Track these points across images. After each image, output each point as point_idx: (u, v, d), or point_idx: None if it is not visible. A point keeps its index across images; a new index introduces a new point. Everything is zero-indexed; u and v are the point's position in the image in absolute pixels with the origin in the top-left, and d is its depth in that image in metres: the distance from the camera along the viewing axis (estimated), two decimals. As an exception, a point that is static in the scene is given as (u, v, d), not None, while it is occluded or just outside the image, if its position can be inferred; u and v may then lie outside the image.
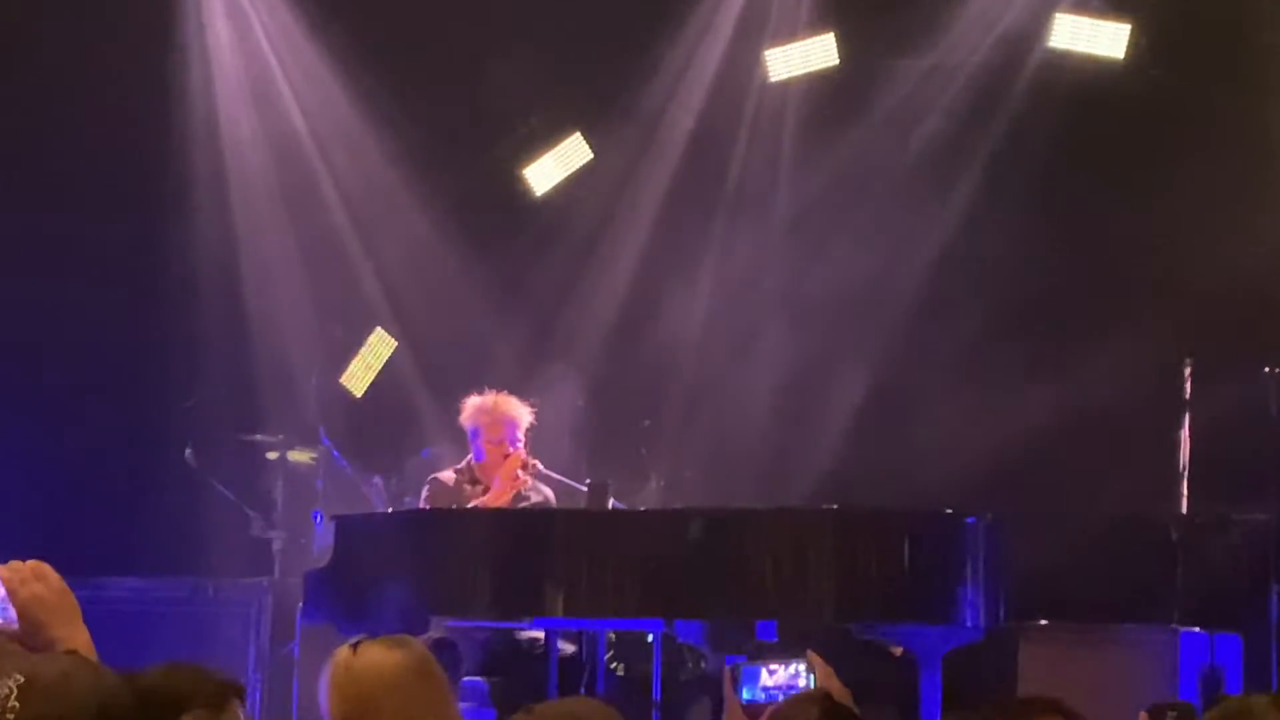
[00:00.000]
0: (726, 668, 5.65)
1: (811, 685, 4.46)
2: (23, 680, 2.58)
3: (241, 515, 9.91)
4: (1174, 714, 4.20)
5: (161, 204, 10.22)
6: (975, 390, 9.95)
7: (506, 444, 8.41)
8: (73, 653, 2.77)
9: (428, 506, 8.46)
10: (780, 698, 4.45)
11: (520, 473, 8.40)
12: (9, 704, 2.57)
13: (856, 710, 4.33)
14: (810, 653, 4.62)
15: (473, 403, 8.50)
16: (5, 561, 3.61)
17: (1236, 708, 3.23)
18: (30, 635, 3.19)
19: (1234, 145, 9.81)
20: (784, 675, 4.48)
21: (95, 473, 9.96)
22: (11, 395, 9.90)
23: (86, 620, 3.34)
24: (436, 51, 10.29)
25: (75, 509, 9.71)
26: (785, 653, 4.73)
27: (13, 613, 3.49)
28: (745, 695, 4.45)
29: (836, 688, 4.49)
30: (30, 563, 3.24)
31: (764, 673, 4.48)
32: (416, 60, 10.28)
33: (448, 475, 8.60)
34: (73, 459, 9.92)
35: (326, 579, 8.09)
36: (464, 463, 8.55)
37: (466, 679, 8.04)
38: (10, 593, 3.22)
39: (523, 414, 8.48)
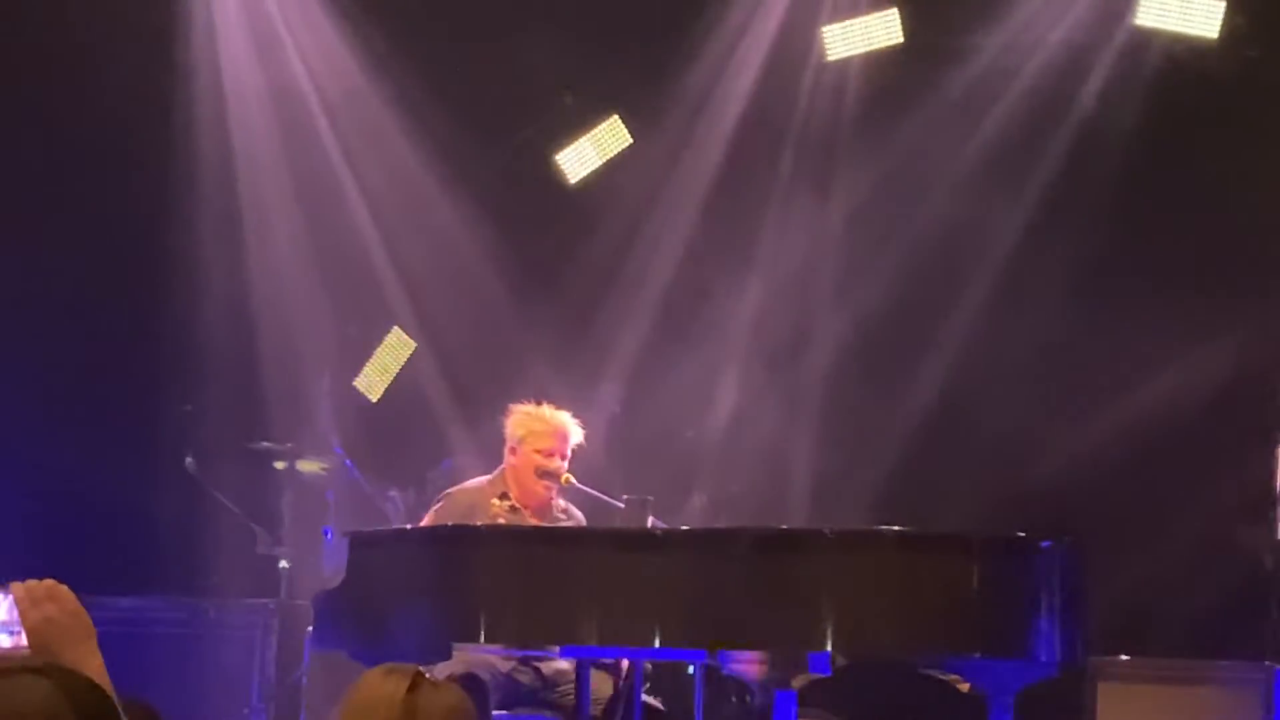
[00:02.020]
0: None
1: None
2: None
3: (246, 531, 9.94)
4: None
5: (165, 195, 10.26)
6: (1050, 401, 9.96)
7: (555, 458, 8.38)
8: (40, 669, 2.65)
9: (435, 521, 8.44)
10: None
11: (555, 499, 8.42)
12: None
13: None
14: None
15: (524, 409, 8.47)
16: (8, 580, 3.62)
17: None
18: (40, 659, 3.19)
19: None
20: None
21: (88, 484, 9.99)
22: (17, 407, 9.93)
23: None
24: (462, 28, 10.32)
25: (66, 523, 9.75)
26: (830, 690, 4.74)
27: (23, 636, 3.51)
28: None
29: None
30: (45, 582, 3.26)
31: None
32: (440, 36, 10.32)
33: (470, 485, 8.57)
34: (64, 469, 9.96)
35: (338, 601, 8.08)
36: (495, 473, 8.53)
37: (497, 713, 8.05)
38: (21, 613, 3.24)
39: (576, 431, 8.47)
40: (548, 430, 8.40)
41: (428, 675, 4.20)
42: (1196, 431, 9.66)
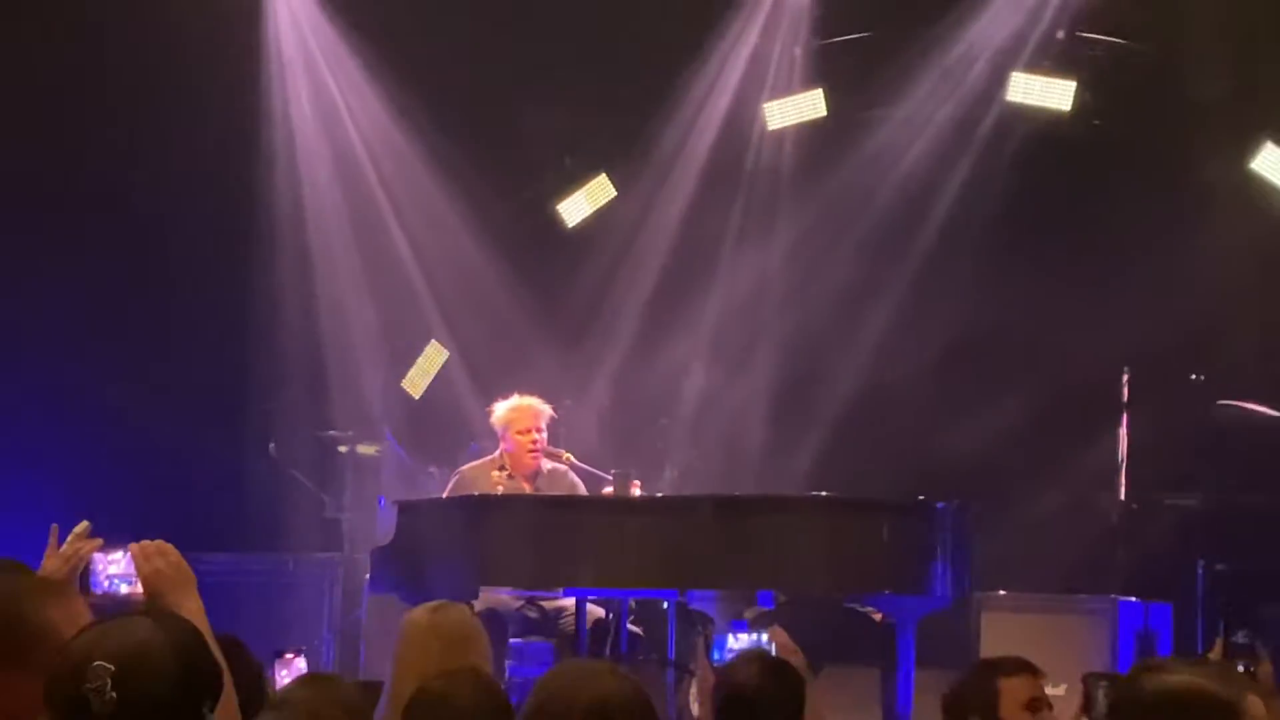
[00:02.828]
0: (698, 638, 5.67)
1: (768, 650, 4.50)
2: (113, 669, 2.43)
3: (317, 500, 9.91)
4: (1105, 684, 4.19)
5: (251, 239, 10.23)
6: (945, 395, 9.95)
7: (533, 432, 8.40)
8: (144, 612, 2.63)
9: (451, 492, 8.43)
10: None
11: (545, 461, 8.43)
12: (106, 694, 2.42)
13: (797, 670, 4.37)
14: (775, 627, 4.64)
15: (499, 405, 8.51)
16: (128, 540, 3.64)
17: (1156, 663, 3.22)
18: (151, 604, 3.20)
19: (1166, 184, 9.79)
20: (746, 640, 4.52)
21: (195, 464, 9.95)
22: (128, 400, 9.91)
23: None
24: (484, 103, 10.28)
25: (178, 494, 9.71)
26: (774, 619, 4.77)
27: (117, 585, 3.51)
28: (715, 657, 4.48)
29: (795, 663, 4.52)
30: (155, 542, 3.26)
31: (730, 638, 4.52)
32: (467, 110, 10.28)
33: (476, 464, 8.58)
34: (177, 452, 9.91)
35: (389, 555, 8.07)
36: (496, 453, 8.56)
37: (513, 640, 8.04)
38: (136, 567, 3.24)
39: (544, 409, 8.49)
40: (520, 415, 8.44)
41: (443, 605, 4.30)
42: (1059, 414, 9.62)
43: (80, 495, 4.83)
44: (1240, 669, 4.13)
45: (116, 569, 3.48)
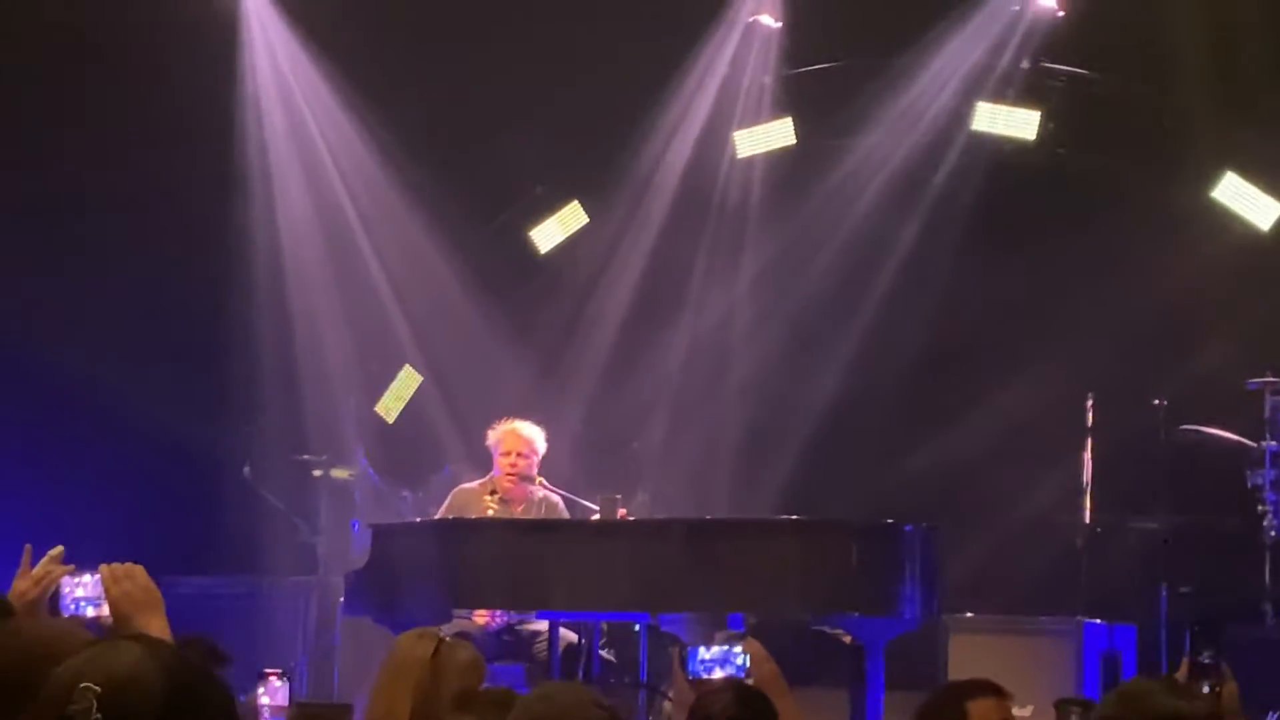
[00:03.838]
0: (673, 649, 5.67)
1: (743, 661, 4.52)
2: (99, 690, 2.40)
3: (291, 523, 9.88)
4: (1078, 710, 4.19)
5: (227, 266, 10.22)
6: (911, 419, 9.98)
7: (513, 456, 8.39)
8: (134, 637, 2.59)
9: (445, 510, 8.44)
10: (715, 669, 4.52)
11: (539, 490, 8.43)
12: (92, 716, 2.38)
13: (768, 698, 4.37)
14: (749, 639, 4.66)
15: (495, 427, 8.52)
16: (100, 563, 3.63)
17: (1133, 690, 3.22)
18: (118, 626, 3.19)
19: (1129, 211, 9.85)
20: (718, 651, 4.56)
21: (170, 487, 9.93)
22: (102, 426, 9.88)
23: (168, 615, 3.35)
24: (458, 132, 10.30)
25: (153, 517, 9.67)
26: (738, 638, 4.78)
27: (84, 609, 3.51)
28: (689, 669, 4.51)
29: (767, 671, 4.53)
30: (124, 565, 3.25)
31: (702, 649, 4.55)
32: (440, 136, 10.29)
33: (471, 485, 8.60)
34: (152, 476, 9.90)
35: (363, 578, 8.06)
36: (487, 477, 8.56)
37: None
38: (105, 589, 3.23)
39: (534, 437, 8.47)
40: (502, 439, 8.45)
41: (445, 638, 4.22)
42: (1026, 440, 9.65)
43: (54, 518, 4.81)
44: (1205, 689, 4.14)
45: (84, 591, 3.49)
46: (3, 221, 9.85)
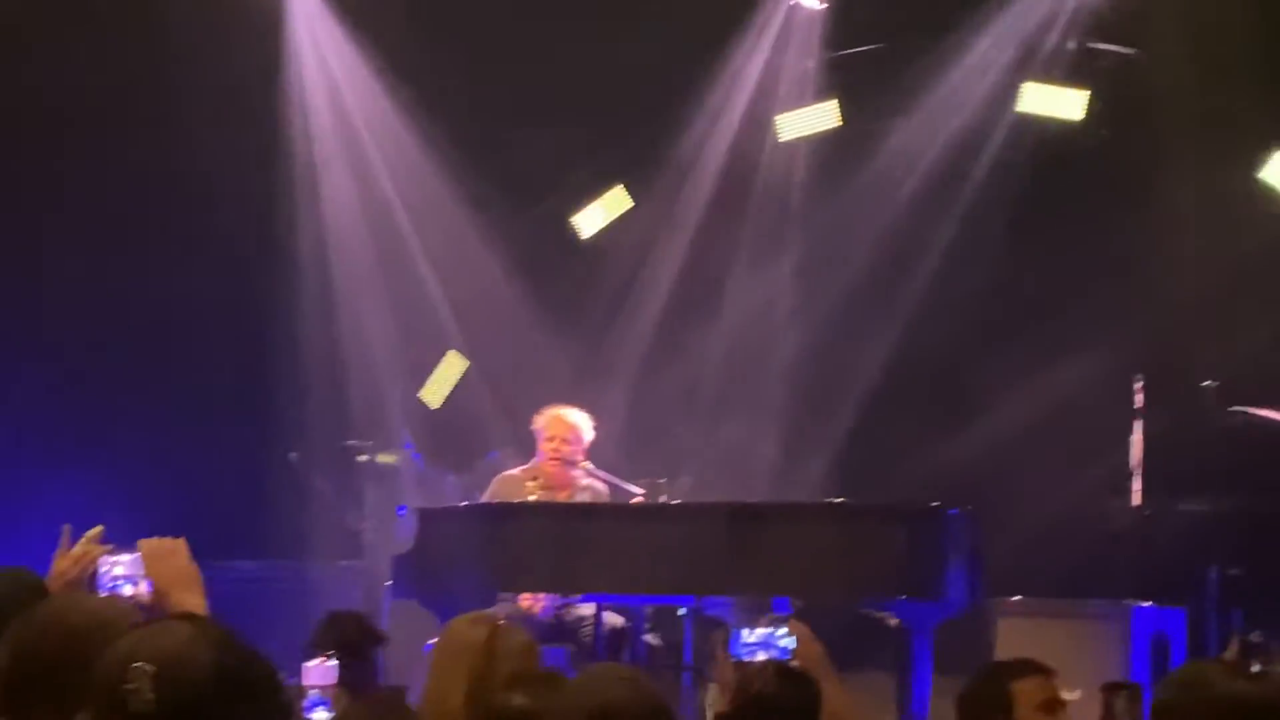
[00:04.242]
0: (717, 631, 5.65)
1: (787, 643, 4.51)
2: (153, 670, 2.45)
3: (337, 509, 9.92)
4: (1125, 694, 4.16)
5: (273, 253, 10.26)
6: (956, 402, 9.94)
7: (556, 442, 8.38)
8: (185, 616, 2.65)
9: (489, 498, 8.45)
10: (758, 652, 4.51)
11: (584, 477, 8.42)
12: (145, 695, 2.44)
13: (811, 677, 4.35)
14: (792, 620, 4.64)
15: (543, 411, 8.52)
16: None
17: (1190, 676, 3.17)
18: (158, 600, 3.21)
19: (1174, 192, 9.77)
20: (761, 634, 4.55)
21: (217, 473, 9.98)
22: (149, 411, 9.95)
23: (214, 595, 3.37)
24: (502, 115, 10.31)
25: (200, 502, 9.72)
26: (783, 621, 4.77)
27: (121, 586, 3.54)
28: (732, 652, 4.50)
29: (813, 652, 4.51)
30: (167, 540, 3.27)
31: (745, 632, 4.54)
32: (485, 122, 10.30)
33: (514, 472, 8.60)
34: (199, 461, 9.96)
35: (409, 562, 8.10)
36: (531, 463, 8.56)
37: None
38: (145, 563, 3.25)
39: (579, 423, 8.46)
40: (547, 424, 8.44)
41: (501, 621, 4.22)
42: (1074, 422, 9.60)
43: (101, 503, 4.84)
44: (1255, 668, 4.11)
45: (122, 570, 3.52)
46: (57, 207, 9.91)
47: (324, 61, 10.66)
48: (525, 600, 8.12)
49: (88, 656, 2.61)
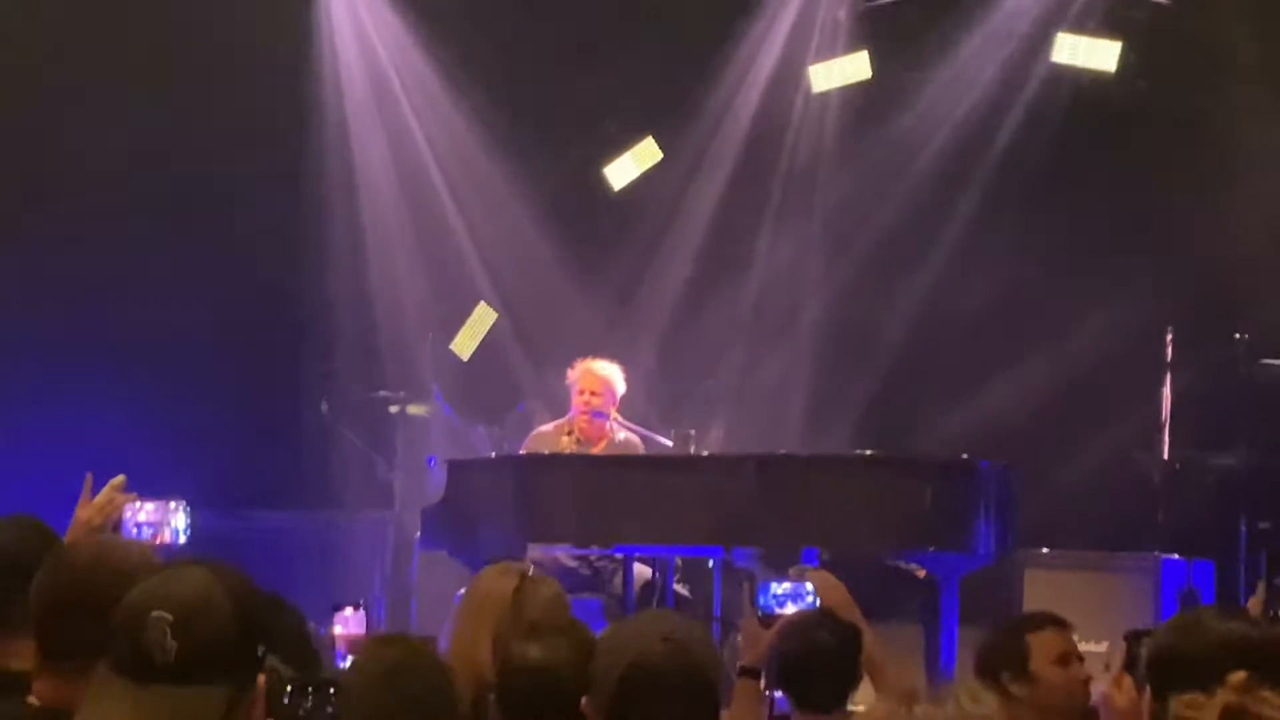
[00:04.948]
0: (744, 583, 5.67)
1: (814, 599, 4.52)
2: (171, 619, 2.44)
3: (368, 459, 9.96)
4: (1149, 642, 4.16)
5: (304, 204, 10.29)
6: (988, 355, 9.93)
7: (587, 394, 8.38)
8: (199, 560, 2.61)
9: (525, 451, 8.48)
10: (787, 603, 4.52)
11: (620, 430, 8.43)
12: (167, 644, 2.43)
13: (853, 623, 4.38)
14: (812, 571, 4.66)
15: (577, 364, 8.52)
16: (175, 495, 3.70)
17: (1187, 618, 3.24)
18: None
19: (1208, 145, 9.70)
20: (789, 586, 4.56)
21: (248, 424, 10.04)
22: (181, 363, 10.00)
23: (246, 545, 3.41)
24: (532, 67, 10.29)
25: (232, 454, 9.79)
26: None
27: (145, 533, 3.58)
28: (760, 604, 4.51)
29: (837, 598, 4.52)
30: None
31: (774, 584, 4.55)
32: (515, 74, 10.28)
33: (548, 427, 8.62)
34: (231, 414, 10.01)
35: (439, 513, 8.13)
36: (565, 418, 8.57)
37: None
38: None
39: (611, 376, 8.45)
40: (580, 377, 8.44)
41: (529, 572, 4.22)
42: (1104, 374, 9.56)
43: (133, 455, 4.87)
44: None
45: (145, 516, 3.57)
46: (95, 170, 9.94)
47: (355, 12, 10.66)
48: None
49: (105, 596, 2.61)
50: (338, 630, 4.74)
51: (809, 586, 4.55)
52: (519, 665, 3.40)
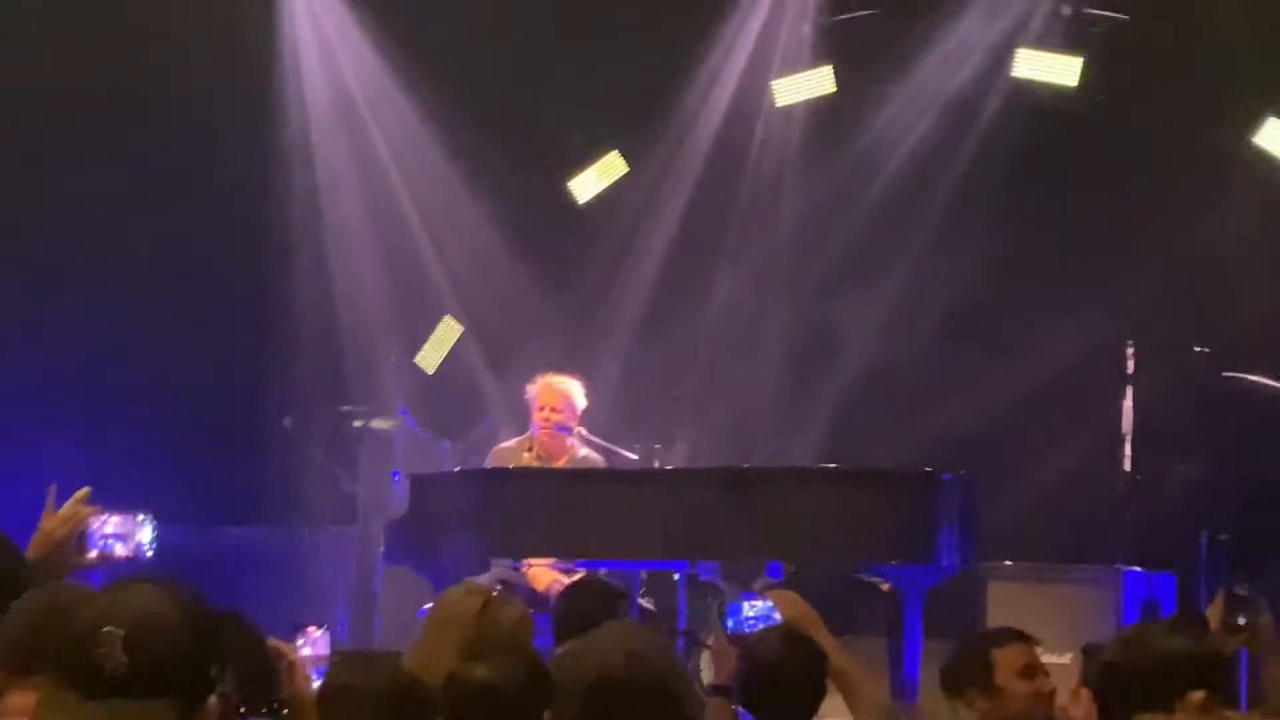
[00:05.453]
0: (712, 602, 5.65)
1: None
2: (123, 633, 2.44)
3: (332, 474, 9.94)
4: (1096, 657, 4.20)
5: (265, 218, 10.26)
6: (950, 367, 9.96)
7: (547, 411, 8.36)
8: (148, 576, 2.59)
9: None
10: (758, 625, 4.52)
11: (580, 447, 8.41)
12: (117, 659, 2.42)
13: (815, 639, 4.38)
14: (773, 590, 4.66)
15: (537, 379, 8.50)
16: (139, 508, 3.68)
17: (1133, 633, 3.27)
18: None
19: (1168, 159, 9.78)
20: (761, 608, 4.54)
21: (212, 438, 10.02)
22: (143, 377, 9.96)
23: (209, 561, 3.40)
24: (498, 81, 10.30)
25: (195, 469, 9.76)
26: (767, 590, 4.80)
27: (112, 546, 3.57)
28: (730, 625, 4.50)
29: (798, 612, 4.52)
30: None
31: (745, 606, 4.54)
32: (481, 88, 10.29)
33: (509, 444, 8.60)
34: (193, 428, 9.98)
35: (403, 527, 8.10)
36: (525, 434, 8.56)
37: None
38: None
39: (572, 391, 8.44)
40: (540, 392, 8.43)
41: (495, 592, 4.20)
42: (1066, 387, 9.60)
43: (95, 468, 4.84)
44: (1240, 621, 4.18)
45: (112, 529, 3.56)
46: (49, 181, 9.91)
47: (319, 27, 10.64)
48: (542, 581, 8.07)
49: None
50: (305, 651, 4.71)
51: (778, 616, 4.55)
52: (462, 685, 3.41)
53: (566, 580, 8.02)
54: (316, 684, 3.34)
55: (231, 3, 9.90)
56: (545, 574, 8.08)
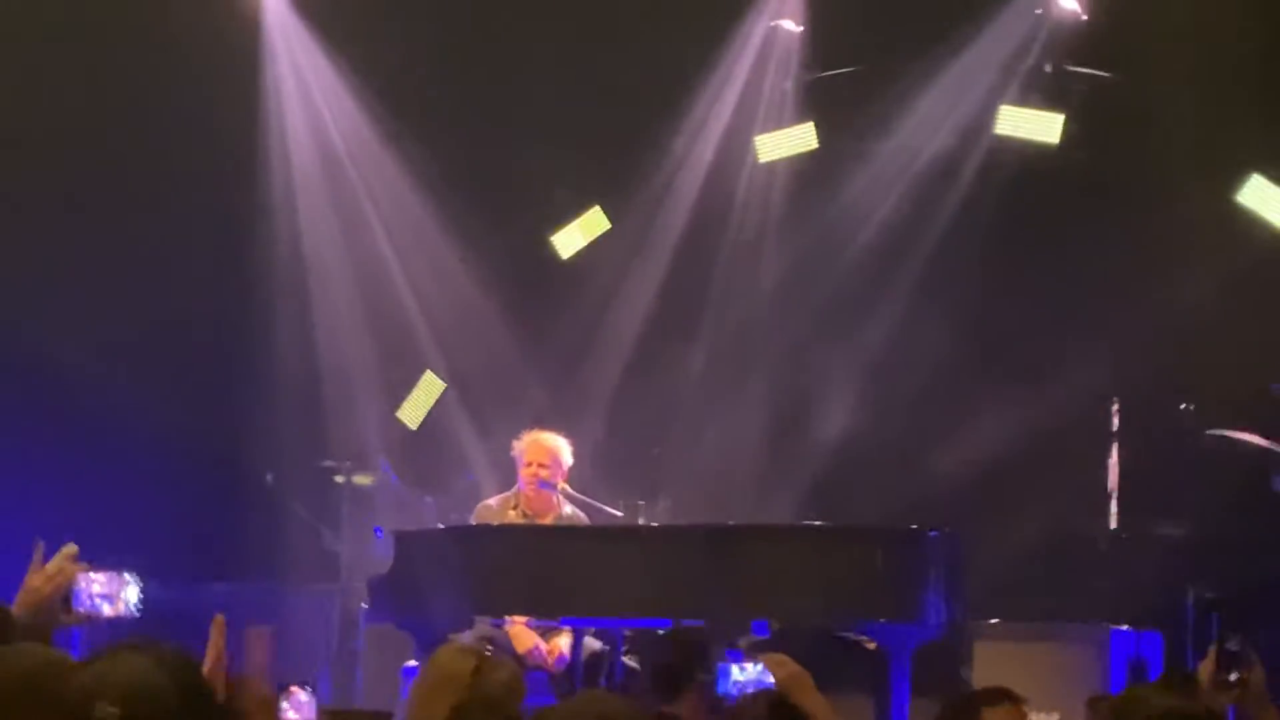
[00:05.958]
0: (700, 677, 5.57)
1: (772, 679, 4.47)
2: (118, 712, 2.42)
3: (314, 530, 9.90)
4: (1106, 705, 4.20)
5: (249, 272, 10.25)
6: (935, 425, 9.96)
7: (534, 467, 8.32)
8: (135, 644, 2.59)
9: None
10: (748, 690, 4.45)
11: (567, 505, 8.38)
12: None
13: (802, 709, 4.33)
14: (766, 656, 4.62)
15: (523, 435, 8.47)
16: (125, 564, 3.64)
17: (1127, 696, 3.27)
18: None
19: (1149, 214, 9.81)
20: (754, 672, 4.48)
21: (193, 495, 9.96)
22: (125, 432, 9.92)
23: (190, 618, 3.36)
24: (480, 135, 10.32)
25: (176, 525, 9.70)
26: (767, 648, 4.75)
27: (99, 605, 3.52)
28: (720, 689, 4.44)
29: (788, 673, 4.47)
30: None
31: (735, 669, 4.48)
32: (463, 141, 10.30)
33: (493, 502, 8.56)
34: (175, 483, 9.93)
35: (386, 584, 8.06)
36: (510, 491, 8.52)
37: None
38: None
39: (558, 448, 8.41)
40: (526, 448, 8.40)
41: (487, 653, 4.16)
42: (1051, 445, 9.61)
43: (77, 523, 4.80)
44: (1232, 677, 4.16)
45: (100, 588, 3.52)
46: (26, 222, 9.88)
47: (302, 81, 10.65)
48: (524, 643, 8.01)
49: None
50: (288, 715, 4.67)
51: (771, 681, 4.50)
52: None
53: (545, 646, 7.98)
54: None
55: (213, 55, 9.89)
56: (527, 636, 8.02)
